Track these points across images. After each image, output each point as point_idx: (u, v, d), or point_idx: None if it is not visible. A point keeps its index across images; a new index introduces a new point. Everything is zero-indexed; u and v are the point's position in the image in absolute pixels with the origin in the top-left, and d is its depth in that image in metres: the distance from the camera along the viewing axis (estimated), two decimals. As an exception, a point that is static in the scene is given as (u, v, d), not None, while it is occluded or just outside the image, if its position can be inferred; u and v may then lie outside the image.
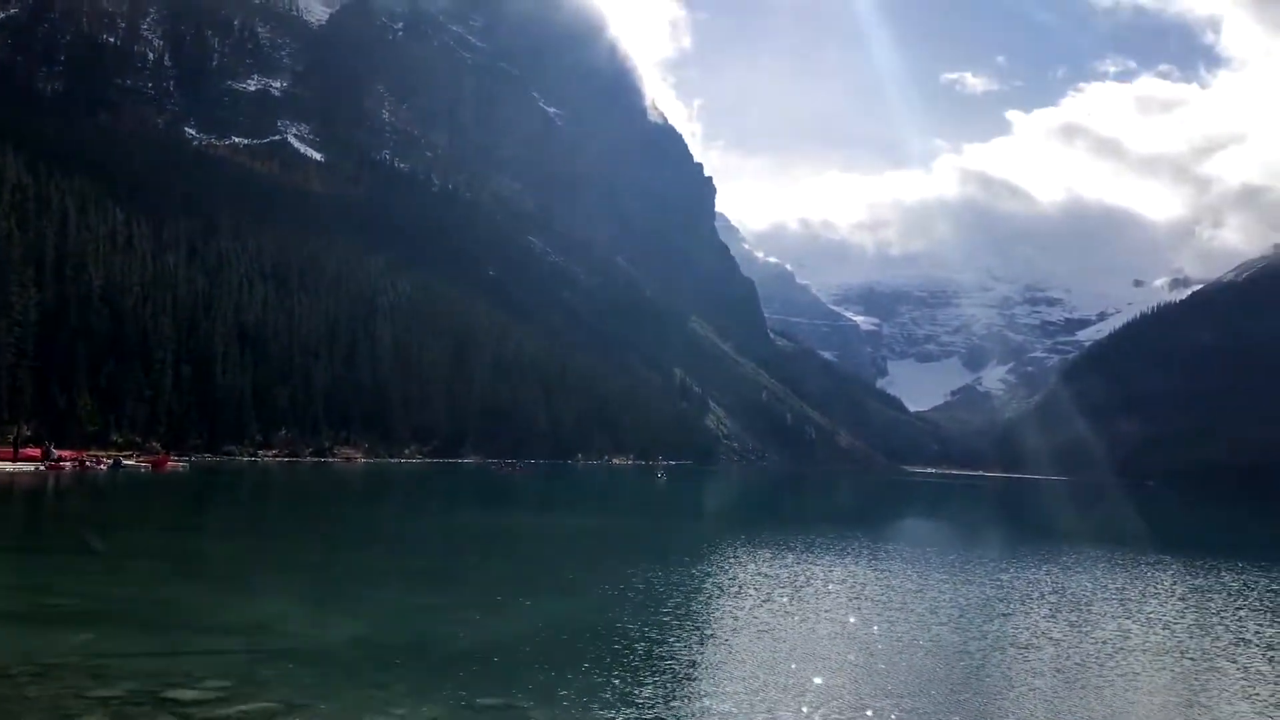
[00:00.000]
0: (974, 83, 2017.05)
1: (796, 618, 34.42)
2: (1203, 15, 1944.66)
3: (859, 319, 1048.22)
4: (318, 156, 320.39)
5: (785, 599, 38.25)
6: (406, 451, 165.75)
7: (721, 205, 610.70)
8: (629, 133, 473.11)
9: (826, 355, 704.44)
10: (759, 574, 45.46)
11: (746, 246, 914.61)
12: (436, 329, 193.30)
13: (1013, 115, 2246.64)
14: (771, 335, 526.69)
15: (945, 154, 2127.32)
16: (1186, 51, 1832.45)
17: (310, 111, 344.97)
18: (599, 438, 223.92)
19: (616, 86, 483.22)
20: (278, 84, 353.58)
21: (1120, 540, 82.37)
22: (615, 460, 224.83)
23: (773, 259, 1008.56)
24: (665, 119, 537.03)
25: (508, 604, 34.54)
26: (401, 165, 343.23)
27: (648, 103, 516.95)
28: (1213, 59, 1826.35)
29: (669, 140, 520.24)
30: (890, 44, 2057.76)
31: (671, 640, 29.76)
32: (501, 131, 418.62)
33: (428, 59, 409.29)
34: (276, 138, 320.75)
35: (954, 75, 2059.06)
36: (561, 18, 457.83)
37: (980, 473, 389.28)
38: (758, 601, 37.49)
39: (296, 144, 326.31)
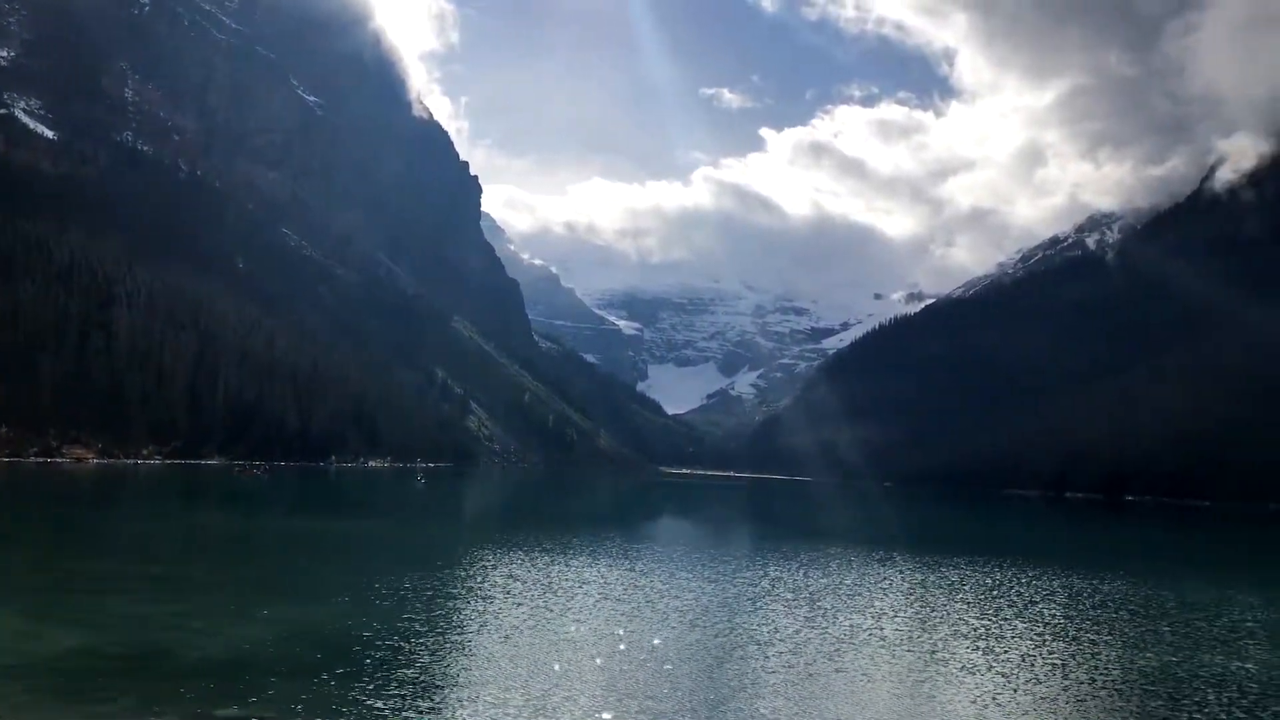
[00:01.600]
0: (731, 99, 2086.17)
1: (545, 620, 34.73)
2: (939, 48, 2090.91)
3: (622, 323, 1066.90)
4: (49, 134, 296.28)
5: (535, 601, 38.52)
6: (144, 452, 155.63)
7: (487, 205, 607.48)
8: (393, 126, 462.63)
9: (590, 358, 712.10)
10: (510, 577, 45.56)
11: (512, 248, 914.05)
12: (178, 322, 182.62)
13: (766, 132, 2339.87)
14: (536, 337, 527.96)
15: (704, 166, 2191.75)
16: (924, 81, 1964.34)
17: (41, 85, 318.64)
18: (354, 439, 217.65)
19: (380, 78, 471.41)
20: (4, 52, 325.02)
21: (853, 538, 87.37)
22: (372, 462, 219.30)
23: (538, 261, 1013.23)
24: (431, 114, 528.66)
25: (246, 612, 33.16)
26: (144, 148, 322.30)
27: (413, 96, 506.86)
28: (947, 89, 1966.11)
29: (434, 136, 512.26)
30: (655, 56, 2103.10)
31: (415, 647, 29.40)
32: (256, 118, 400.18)
33: (176, 37, 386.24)
34: (2, 111, 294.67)
35: (712, 91, 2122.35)
36: (323, 3, 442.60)
37: (732, 474, 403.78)
38: (506, 605, 37.59)
39: (25, 119, 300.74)
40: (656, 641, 31.99)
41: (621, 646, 31.06)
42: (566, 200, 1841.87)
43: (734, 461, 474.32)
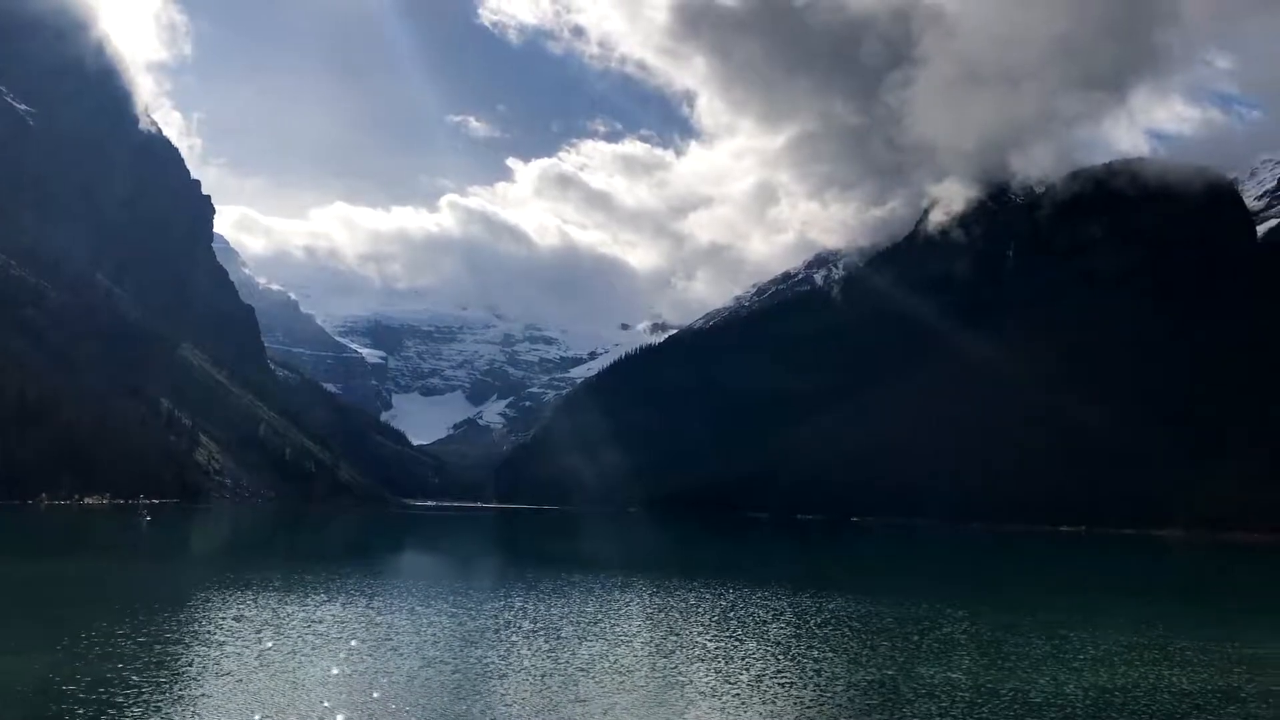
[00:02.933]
0: (478, 127, 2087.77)
1: (273, 662, 33.06)
2: (680, 89, 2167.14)
3: (365, 351, 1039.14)
4: None
5: (263, 643, 36.62)
6: None
7: (220, 226, 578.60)
8: (116, 140, 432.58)
9: (331, 388, 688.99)
10: (238, 618, 43.16)
11: (247, 271, 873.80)
12: None
13: (513, 162, 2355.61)
14: (273, 365, 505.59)
15: (451, 193, 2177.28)
16: (666, 120, 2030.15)
17: None
18: (67, 475, 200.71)
19: (103, 88, 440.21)
20: None
21: (596, 566, 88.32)
22: (88, 500, 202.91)
23: (276, 286, 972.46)
24: (159, 128, 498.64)
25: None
26: None
27: (139, 109, 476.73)
28: (688, 129, 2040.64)
29: (163, 152, 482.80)
30: (400, 80, 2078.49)
31: (128, 700, 27.28)
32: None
33: None
34: None
35: (459, 118, 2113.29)
36: (37, 6, 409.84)
37: (479, 504, 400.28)
38: (232, 648, 35.55)
39: None
40: (394, 677, 31.06)
41: (355, 685, 29.96)
42: (307, 224, 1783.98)
43: (482, 492, 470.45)
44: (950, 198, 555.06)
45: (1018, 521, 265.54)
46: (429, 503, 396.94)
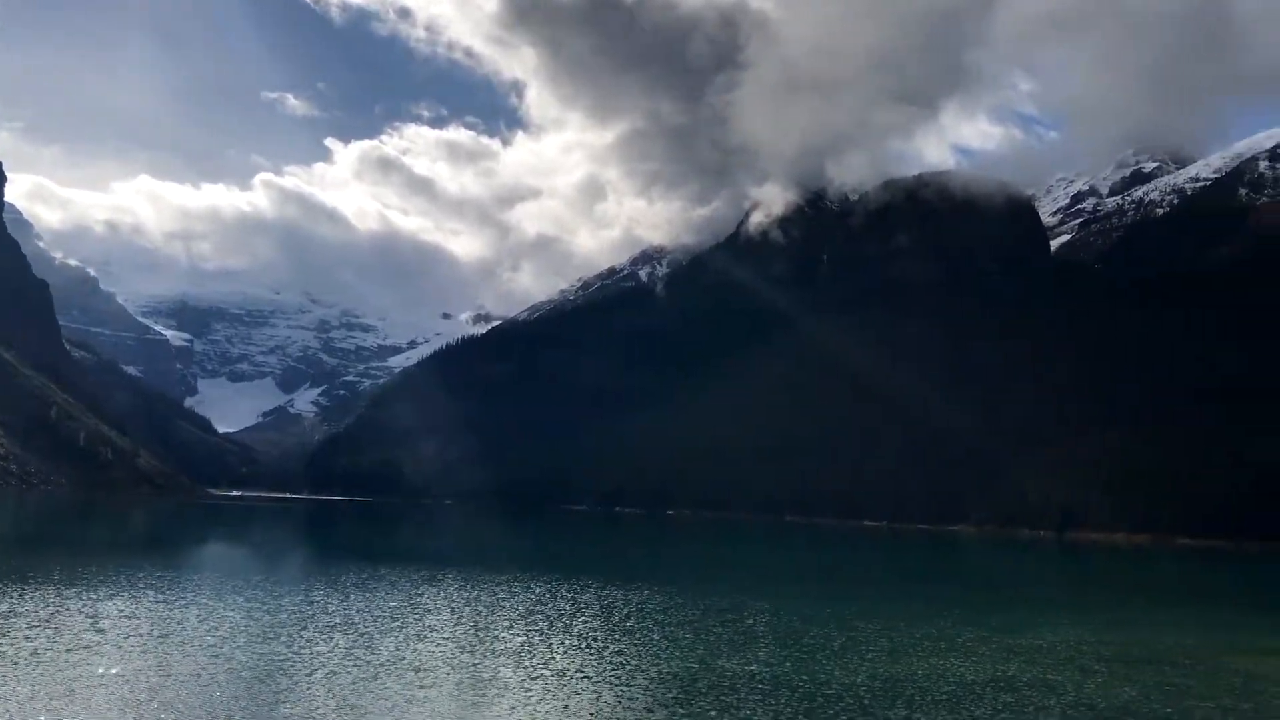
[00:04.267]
0: (295, 105, 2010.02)
1: (41, 662, 30.88)
2: (508, 79, 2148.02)
3: (170, 333, 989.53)
4: None
5: (27, 641, 34.15)
6: None
7: (13, 196, 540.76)
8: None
9: (132, 370, 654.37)
10: (10, 613, 40.17)
11: (42, 245, 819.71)
12: None
13: (332, 143, 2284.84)
14: (68, 345, 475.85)
15: (265, 172, 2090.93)
16: (493, 109, 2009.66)
17: None
18: None
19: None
20: None
21: (405, 559, 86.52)
22: None
23: (74, 261, 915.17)
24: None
25: None
26: None
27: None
28: (515, 120, 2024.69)
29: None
30: (211, 52, 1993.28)
31: None
32: None
33: None
34: None
35: (275, 94, 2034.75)
36: None
37: (289, 495, 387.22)
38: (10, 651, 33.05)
39: None
40: (189, 674, 29.44)
41: (135, 686, 28.24)
42: (109, 197, 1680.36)
43: (293, 482, 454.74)
44: (771, 201, 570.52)
45: (827, 515, 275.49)
46: (236, 493, 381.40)
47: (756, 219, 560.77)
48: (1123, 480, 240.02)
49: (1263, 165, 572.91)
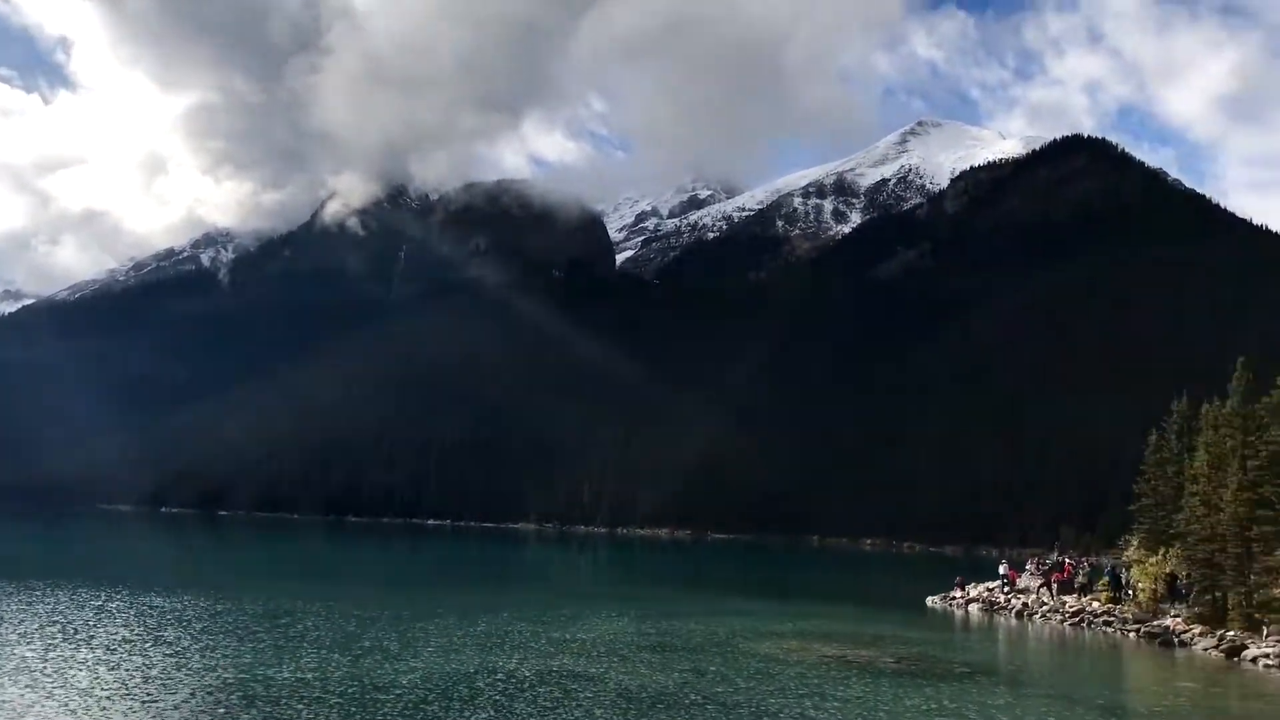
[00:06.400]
0: None
1: None
2: (54, 32, 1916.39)
3: None
4: None
5: None
6: None
7: None
8: None
9: None
10: None
11: None
12: None
13: None
14: None
15: None
16: (32, 62, 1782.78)
17: None
18: None
19: None
20: None
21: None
22: None
23: None
24: None
25: None
26: None
27: None
28: (61, 78, 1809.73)
29: None
30: None
31: None
32: None
33: None
34: None
35: None
36: None
37: None
38: None
39: None
40: None
41: None
42: None
43: None
44: (350, 191, 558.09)
45: (392, 515, 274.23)
46: None
47: (333, 208, 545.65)
48: (667, 479, 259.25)
49: (797, 201, 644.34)
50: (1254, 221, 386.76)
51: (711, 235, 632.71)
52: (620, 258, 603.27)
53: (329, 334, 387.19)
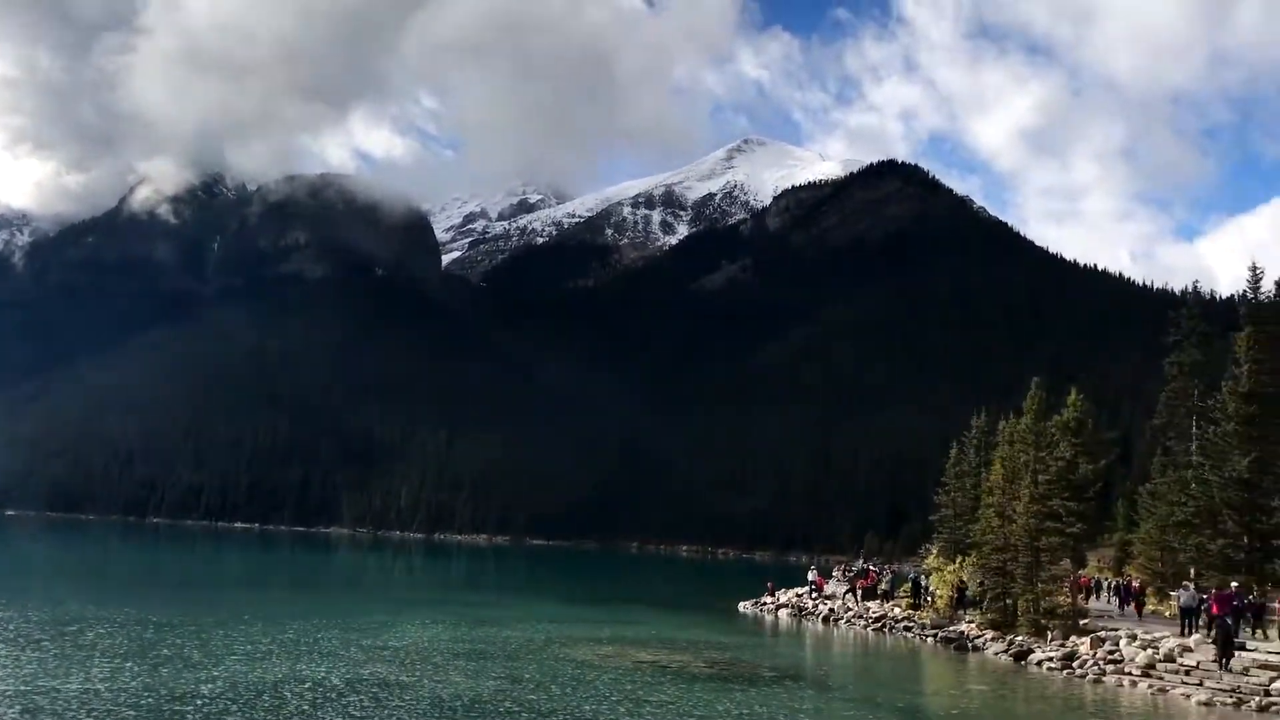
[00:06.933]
0: None
1: None
2: None
3: None
4: None
5: None
6: None
7: None
8: None
9: None
10: None
11: None
12: None
13: None
14: None
15: None
16: None
17: None
18: None
19: None
20: None
21: None
22: None
23: None
24: None
25: None
26: None
27: None
28: None
29: None
30: None
31: None
32: None
33: None
34: None
35: None
36: None
37: None
38: None
39: None
40: None
41: None
42: None
43: None
44: (161, 177, 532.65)
45: (197, 517, 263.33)
46: None
47: (143, 195, 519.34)
48: (487, 484, 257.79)
49: (626, 210, 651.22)
50: (1050, 250, 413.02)
51: (541, 240, 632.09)
52: (446, 259, 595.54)
53: (136, 326, 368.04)
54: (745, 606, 74.61)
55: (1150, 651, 39.84)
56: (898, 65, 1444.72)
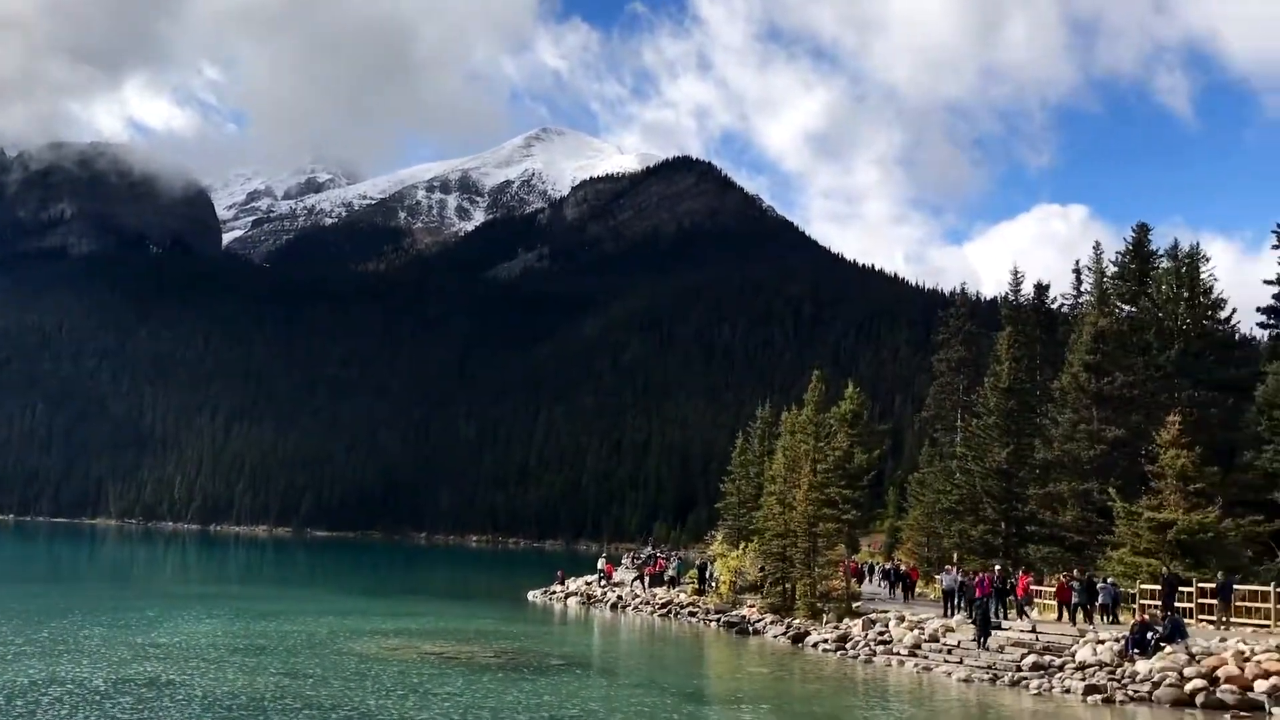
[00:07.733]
0: None
1: None
2: None
3: None
4: None
5: None
6: None
7: None
8: None
9: None
10: None
11: None
12: None
13: None
14: None
15: None
16: None
17: None
18: None
19: None
20: None
21: None
22: None
23: None
24: None
25: None
26: None
27: None
28: None
29: None
30: None
31: None
32: None
33: None
34: None
35: None
36: None
37: None
38: None
39: None
40: None
41: None
42: None
43: None
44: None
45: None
46: None
47: None
48: (267, 473, 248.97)
49: (420, 194, 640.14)
50: (832, 250, 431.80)
51: (330, 221, 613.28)
52: (228, 237, 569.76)
53: None
54: (535, 595, 74.75)
55: (916, 632, 42.25)
56: (693, 63, 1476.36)
